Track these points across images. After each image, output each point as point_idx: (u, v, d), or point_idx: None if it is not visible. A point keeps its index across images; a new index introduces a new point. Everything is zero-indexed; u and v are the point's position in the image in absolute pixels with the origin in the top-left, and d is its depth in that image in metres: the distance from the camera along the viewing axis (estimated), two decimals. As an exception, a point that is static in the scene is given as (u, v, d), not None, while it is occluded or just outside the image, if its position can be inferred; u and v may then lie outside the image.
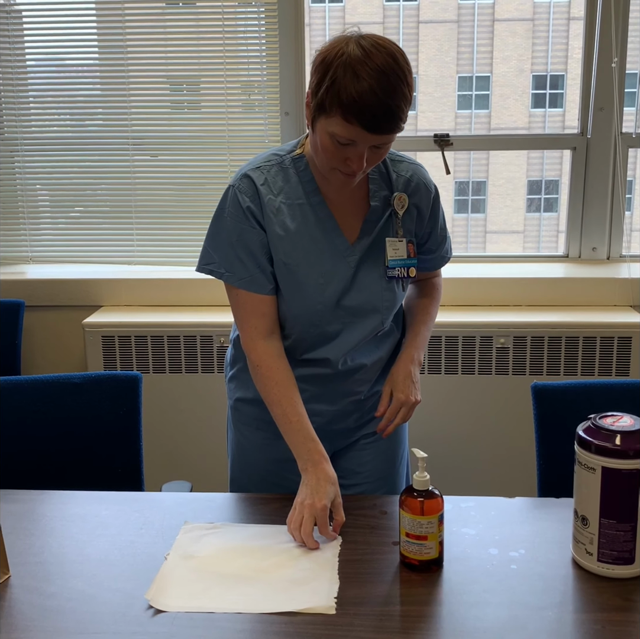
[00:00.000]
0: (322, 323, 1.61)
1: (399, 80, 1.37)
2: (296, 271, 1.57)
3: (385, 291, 1.63)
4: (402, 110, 1.39)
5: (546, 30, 13.36)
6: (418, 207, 1.64)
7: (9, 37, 2.89)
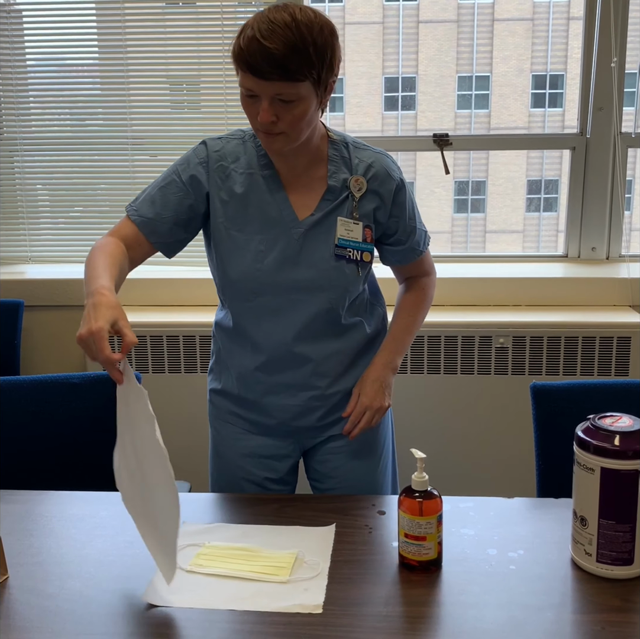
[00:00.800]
0: (262, 292, 1.61)
1: (287, 29, 1.41)
2: (236, 236, 1.61)
3: (333, 269, 1.61)
4: (288, 57, 1.40)
5: (546, 30, 13.34)
6: (379, 193, 1.63)
7: (9, 37, 2.89)
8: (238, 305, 1.66)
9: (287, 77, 1.42)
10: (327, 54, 1.47)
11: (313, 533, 1.48)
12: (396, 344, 1.73)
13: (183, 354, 2.73)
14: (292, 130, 1.50)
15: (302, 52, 1.42)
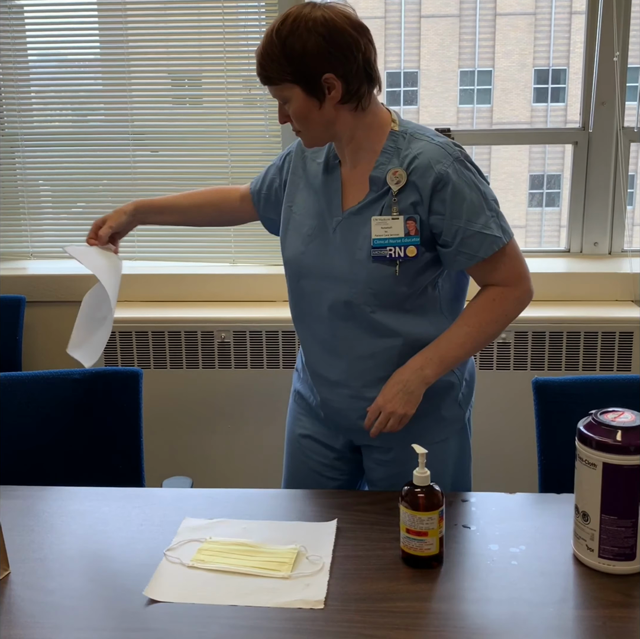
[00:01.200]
0: (303, 276, 1.67)
1: (267, 36, 1.51)
2: (294, 218, 1.69)
3: (357, 263, 1.58)
4: (264, 67, 1.52)
5: (548, 24, 13.31)
6: (418, 186, 1.54)
7: (10, 32, 2.88)
8: (290, 286, 1.73)
9: (269, 80, 1.54)
10: (297, 54, 1.48)
11: (315, 528, 1.48)
12: (436, 351, 1.57)
13: (185, 350, 2.73)
14: (302, 127, 1.56)
15: (273, 56, 1.50)
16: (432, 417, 1.67)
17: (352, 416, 1.69)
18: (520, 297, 1.61)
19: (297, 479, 1.82)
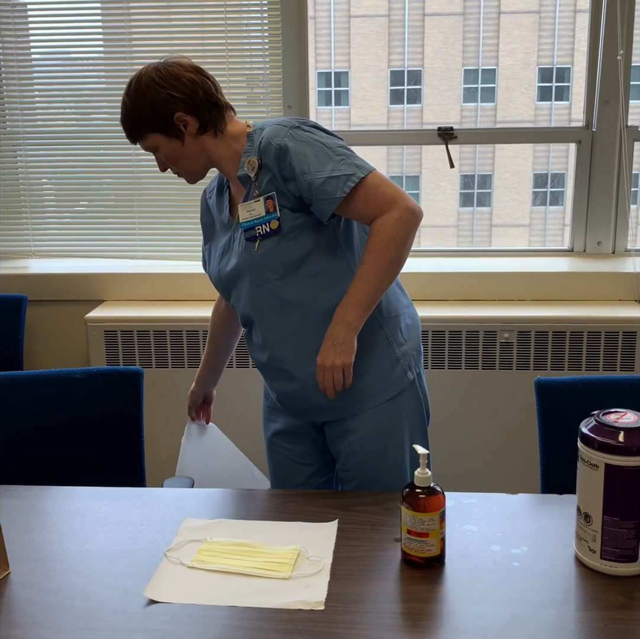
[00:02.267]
0: (227, 289, 1.79)
1: (123, 103, 1.69)
2: (210, 250, 1.84)
3: (244, 251, 1.70)
4: (126, 128, 1.70)
5: (552, 22, 13.28)
6: (268, 165, 1.66)
7: (13, 31, 2.88)
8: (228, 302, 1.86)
9: (133, 139, 1.72)
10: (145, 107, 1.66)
11: (315, 528, 1.47)
12: (347, 298, 1.62)
13: (186, 349, 2.72)
14: (178, 167, 1.74)
15: (127, 116, 1.68)
16: (370, 377, 1.72)
17: (310, 398, 1.74)
18: (401, 216, 1.59)
19: (279, 475, 1.92)
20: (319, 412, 1.77)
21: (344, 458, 1.78)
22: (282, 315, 1.70)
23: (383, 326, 1.73)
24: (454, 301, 2.78)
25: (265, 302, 1.70)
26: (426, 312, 2.67)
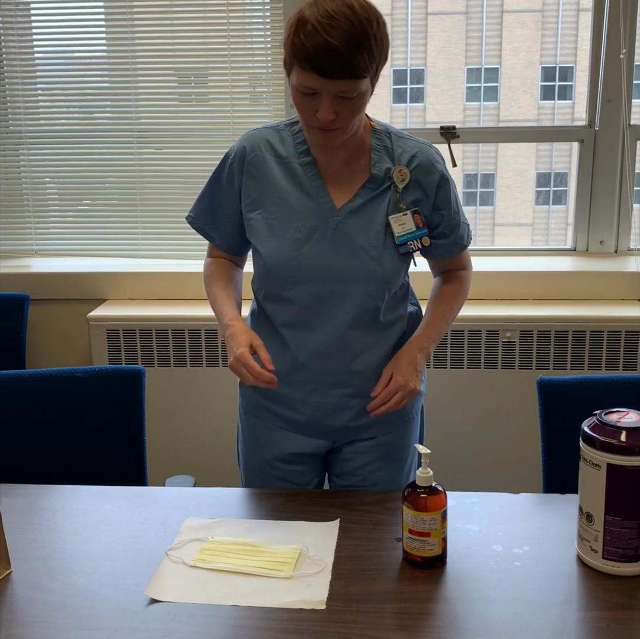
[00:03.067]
0: (299, 281, 1.60)
1: (351, 24, 1.38)
2: (273, 225, 1.61)
3: (371, 259, 1.59)
4: (356, 55, 1.39)
5: (555, 21, 13.25)
6: (422, 184, 1.61)
7: (16, 30, 2.88)
8: (275, 296, 1.65)
9: (354, 75, 1.41)
10: (384, 46, 1.47)
11: (317, 528, 1.47)
12: (431, 329, 1.67)
13: (188, 348, 2.72)
14: (348, 125, 1.50)
15: (366, 48, 1.40)
16: None
17: (345, 416, 1.69)
18: (471, 276, 1.80)
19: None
20: (351, 430, 1.71)
21: (363, 472, 1.73)
22: (375, 328, 1.65)
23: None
24: (456, 300, 2.77)
25: (360, 315, 1.62)
26: (428, 311, 2.67)
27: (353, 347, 1.64)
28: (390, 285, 1.63)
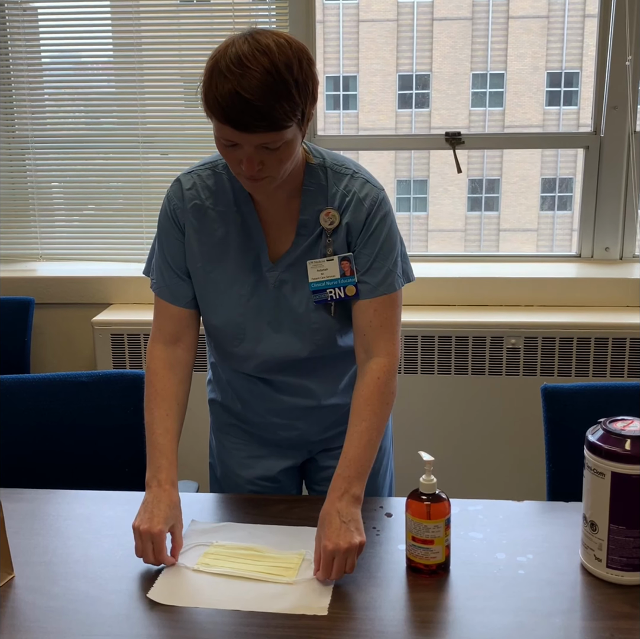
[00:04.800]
0: (247, 338, 1.55)
1: (266, 73, 1.26)
2: (217, 280, 1.53)
3: (313, 312, 1.52)
4: (274, 107, 1.27)
5: (561, 27, 13.26)
6: (350, 225, 1.49)
7: (24, 35, 2.89)
8: (223, 348, 1.61)
9: (274, 127, 1.30)
10: (310, 88, 1.34)
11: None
12: (350, 467, 1.42)
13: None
14: (278, 173, 1.39)
15: (285, 97, 1.29)
16: None
17: (314, 429, 1.67)
18: (393, 370, 1.51)
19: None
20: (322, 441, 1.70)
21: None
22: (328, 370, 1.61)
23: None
24: (460, 306, 2.77)
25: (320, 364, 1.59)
26: (432, 317, 2.67)
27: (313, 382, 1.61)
28: (338, 331, 1.55)
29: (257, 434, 1.70)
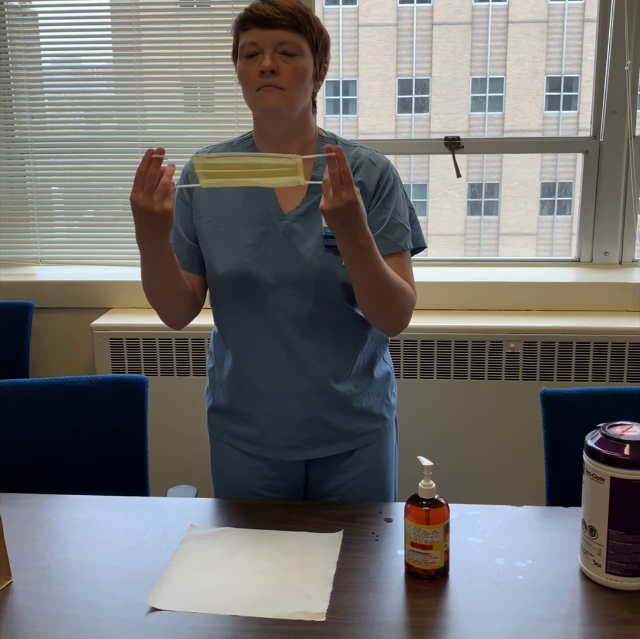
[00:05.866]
0: (253, 287, 1.59)
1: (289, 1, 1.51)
2: (224, 232, 1.61)
3: (319, 259, 1.57)
4: (294, 10, 1.50)
5: (560, 32, 13.28)
6: (363, 184, 1.59)
7: (24, 39, 2.90)
8: (226, 305, 1.64)
9: (292, 25, 1.50)
10: (323, 32, 1.57)
11: (321, 539, 1.47)
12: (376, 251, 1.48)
13: (191, 357, 2.72)
14: (291, 86, 1.51)
15: (303, 12, 1.52)
16: (383, 400, 1.74)
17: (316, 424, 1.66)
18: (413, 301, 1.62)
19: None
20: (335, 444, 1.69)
21: (341, 493, 1.72)
22: (338, 336, 1.63)
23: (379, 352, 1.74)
24: (460, 311, 2.77)
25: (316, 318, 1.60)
26: (432, 321, 2.67)
27: (314, 351, 1.62)
28: (344, 287, 1.58)
29: (251, 437, 1.70)
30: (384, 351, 1.75)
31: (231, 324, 1.66)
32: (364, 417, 1.70)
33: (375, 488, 1.74)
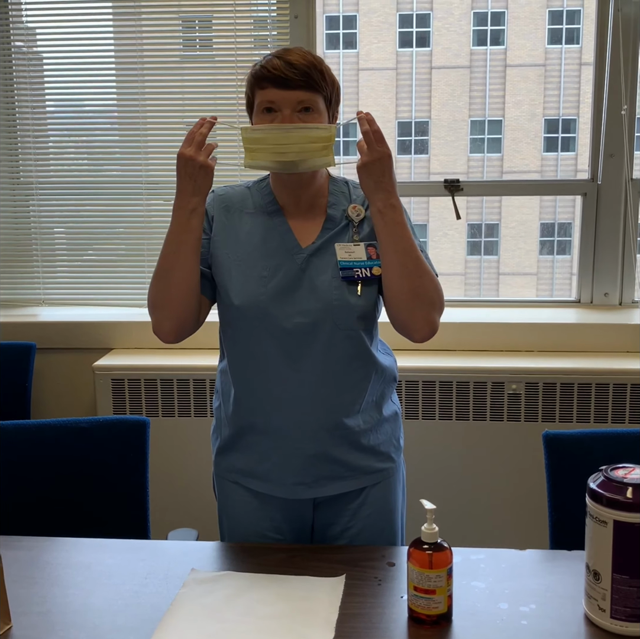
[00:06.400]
0: (268, 317, 1.60)
1: (303, 53, 1.57)
2: (240, 264, 1.64)
3: (335, 289, 1.60)
4: (310, 69, 1.54)
5: (558, 75, 13.48)
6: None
7: (29, 83, 2.94)
8: (242, 337, 1.65)
9: (309, 85, 1.55)
10: (335, 83, 1.62)
11: (323, 583, 1.46)
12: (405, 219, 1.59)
13: (193, 398, 2.72)
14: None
15: (318, 68, 1.57)
16: (393, 436, 1.75)
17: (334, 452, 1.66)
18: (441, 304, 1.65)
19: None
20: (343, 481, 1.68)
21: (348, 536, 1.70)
22: (351, 368, 1.64)
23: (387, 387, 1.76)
24: (461, 351, 2.77)
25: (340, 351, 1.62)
26: (433, 362, 2.67)
27: (335, 382, 1.63)
28: (359, 314, 1.61)
29: (264, 478, 1.69)
30: (392, 390, 1.76)
31: (242, 357, 1.67)
32: (372, 455, 1.69)
33: (383, 531, 1.73)
